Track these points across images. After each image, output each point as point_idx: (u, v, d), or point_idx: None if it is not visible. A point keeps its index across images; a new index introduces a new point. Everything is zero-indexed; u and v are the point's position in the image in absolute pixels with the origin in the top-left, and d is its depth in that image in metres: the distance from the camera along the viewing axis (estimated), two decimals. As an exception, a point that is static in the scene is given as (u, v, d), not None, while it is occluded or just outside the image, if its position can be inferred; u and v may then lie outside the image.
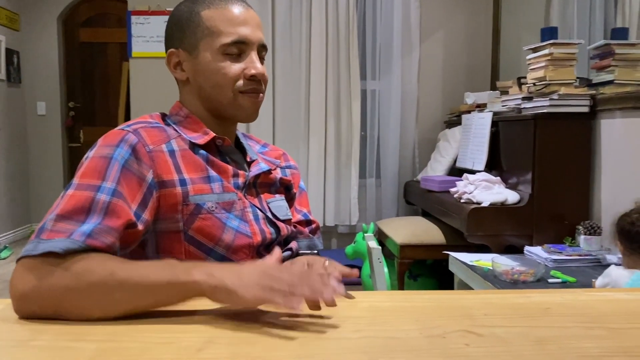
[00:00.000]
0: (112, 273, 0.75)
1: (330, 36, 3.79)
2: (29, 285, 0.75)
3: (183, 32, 1.02)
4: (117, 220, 0.84)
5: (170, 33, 1.04)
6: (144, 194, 0.90)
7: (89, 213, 0.82)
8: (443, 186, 2.97)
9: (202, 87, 1.02)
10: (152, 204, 0.91)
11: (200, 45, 1.00)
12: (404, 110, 3.92)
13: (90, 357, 0.64)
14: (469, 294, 0.93)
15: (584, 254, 2.19)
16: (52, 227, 0.79)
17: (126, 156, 0.90)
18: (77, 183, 0.86)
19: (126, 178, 0.88)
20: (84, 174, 0.87)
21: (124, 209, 0.85)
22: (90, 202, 0.83)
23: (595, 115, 2.41)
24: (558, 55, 2.38)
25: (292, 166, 1.20)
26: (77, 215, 0.81)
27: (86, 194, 0.84)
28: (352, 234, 3.84)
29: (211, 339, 0.69)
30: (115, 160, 0.89)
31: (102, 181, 0.86)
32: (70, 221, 0.80)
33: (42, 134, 5.31)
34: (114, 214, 0.84)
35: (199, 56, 1.00)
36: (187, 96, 1.06)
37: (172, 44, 1.04)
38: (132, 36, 3.90)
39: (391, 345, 0.68)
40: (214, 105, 1.03)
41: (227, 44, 0.99)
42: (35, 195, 5.33)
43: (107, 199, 0.84)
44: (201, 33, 1.00)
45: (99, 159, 0.89)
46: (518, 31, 3.61)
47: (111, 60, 5.38)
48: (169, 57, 1.03)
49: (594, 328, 0.75)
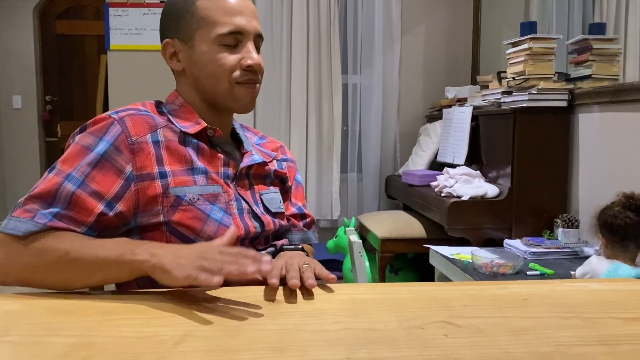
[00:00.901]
0: (67, 253, 0.82)
1: (311, 30, 3.78)
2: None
3: (178, 22, 1.01)
4: (77, 212, 0.87)
5: (165, 23, 1.03)
6: (121, 186, 0.91)
7: (54, 199, 0.87)
8: (424, 180, 2.98)
9: (198, 78, 1.01)
10: (129, 195, 0.91)
11: (196, 36, 0.99)
12: (385, 104, 3.92)
13: (64, 352, 0.62)
14: (448, 286, 0.93)
15: (562, 247, 2.22)
16: (24, 206, 0.86)
17: (106, 147, 0.91)
18: (56, 168, 0.90)
19: (103, 168, 0.90)
20: (63, 158, 0.91)
21: (86, 202, 0.88)
22: (57, 188, 0.87)
23: (574, 110, 2.44)
24: (537, 49, 2.40)
25: (288, 159, 1.19)
26: (44, 198, 0.87)
27: (57, 179, 0.88)
28: (334, 229, 3.84)
29: (188, 333, 0.68)
30: (94, 151, 0.91)
31: (72, 169, 0.89)
32: (38, 201, 0.86)
33: (18, 129, 5.20)
34: (75, 205, 0.87)
35: (195, 47, 1.00)
36: (183, 86, 1.05)
37: (167, 34, 1.03)
38: (110, 29, 3.84)
39: (370, 337, 0.68)
40: (210, 95, 1.03)
41: (223, 34, 0.98)
42: (11, 191, 5.24)
43: (71, 189, 0.88)
44: (197, 23, 0.99)
45: (80, 147, 0.92)
46: (498, 26, 3.63)
47: (89, 53, 5.29)
48: (164, 48, 1.03)
49: (570, 318, 0.76)
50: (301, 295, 0.83)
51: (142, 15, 3.82)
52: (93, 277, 0.83)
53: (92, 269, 0.82)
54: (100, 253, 0.82)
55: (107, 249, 0.82)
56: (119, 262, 0.81)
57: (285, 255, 0.97)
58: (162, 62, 1.06)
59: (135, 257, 0.80)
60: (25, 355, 0.62)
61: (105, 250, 0.82)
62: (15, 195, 5.21)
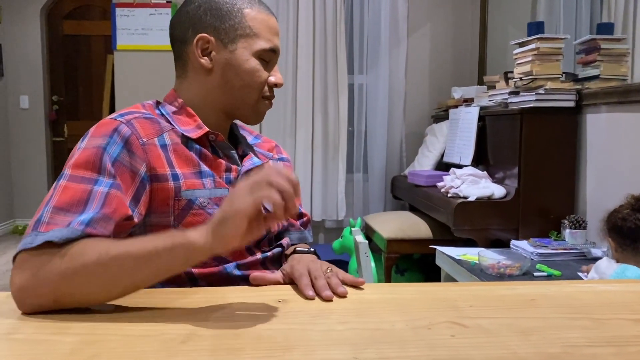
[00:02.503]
0: (107, 250, 0.75)
1: (317, 30, 3.78)
2: (25, 277, 0.74)
3: (222, 23, 0.99)
4: (114, 210, 0.83)
5: (203, 18, 1.00)
6: (137, 188, 0.89)
7: (87, 204, 0.81)
8: (430, 181, 2.97)
9: (230, 82, 1.01)
10: (144, 197, 0.90)
11: (239, 42, 0.99)
12: (391, 104, 3.92)
13: (71, 349, 0.62)
14: (455, 286, 0.93)
15: (569, 248, 2.20)
16: (50, 220, 0.78)
17: (119, 149, 0.88)
18: (71, 174, 0.84)
19: (119, 171, 0.87)
20: (77, 164, 0.85)
21: (121, 201, 0.84)
22: (87, 194, 0.82)
23: (581, 110, 2.42)
24: (544, 50, 2.39)
25: (284, 159, 1.19)
26: (74, 207, 0.80)
27: (83, 186, 0.82)
28: (340, 229, 3.84)
29: (194, 331, 0.68)
30: (108, 152, 0.87)
31: (98, 174, 0.84)
32: (68, 213, 0.79)
33: (26, 128, 5.23)
34: (111, 205, 0.83)
35: (235, 52, 0.99)
36: (195, 85, 1.03)
37: (203, 29, 1.00)
38: (117, 29, 3.85)
39: (377, 337, 0.68)
40: (233, 101, 1.02)
41: (266, 49, 1.00)
42: (18, 191, 5.27)
43: (105, 190, 0.83)
44: (242, 30, 0.99)
45: (92, 150, 0.87)
46: (505, 26, 3.62)
47: (95, 53, 5.32)
48: (197, 41, 0.99)
49: (579, 319, 0.75)
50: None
51: (148, 15, 3.84)
52: (140, 271, 0.75)
53: (139, 261, 0.74)
54: (145, 243, 0.76)
55: (153, 239, 0.76)
56: (169, 248, 0.74)
57: (304, 260, 0.96)
58: (167, 61, 1.06)
59: (188, 238, 0.74)
60: (32, 353, 0.62)
61: (150, 240, 0.76)
62: (22, 193, 5.24)
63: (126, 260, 0.74)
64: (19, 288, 0.74)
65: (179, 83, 1.06)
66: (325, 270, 0.90)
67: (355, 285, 0.89)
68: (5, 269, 3.89)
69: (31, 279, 0.74)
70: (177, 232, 0.77)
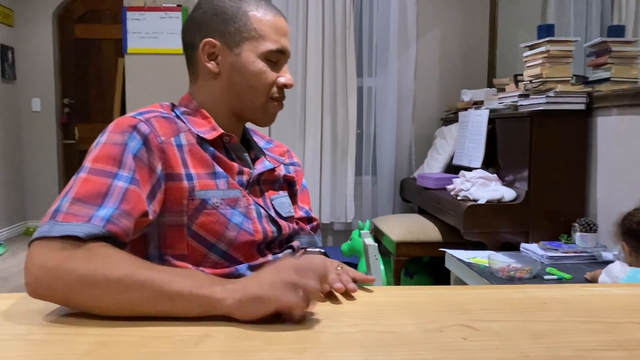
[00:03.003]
0: (133, 272, 0.74)
1: (326, 32, 3.79)
2: (44, 267, 0.74)
3: (227, 27, 1.00)
4: (133, 207, 0.84)
5: (209, 23, 1.01)
6: (153, 185, 0.90)
7: (105, 197, 0.81)
8: (439, 183, 2.97)
9: (236, 85, 1.02)
10: (160, 195, 0.91)
11: (244, 45, 1.00)
12: (400, 107, 3.91)
13: (86, 350, 0.63)
14: (466, 289, 0.93)
15: (580, 251, 2.19)
16: (68, 210, 0.78)
17: (138, 146, 0.90)
18: (91, 167, 0.85)
19: (138, 167, 0.88)
20: (97, 158, 0.86)
21: (140, 197, 0.86)
22: (107, 187, 0.83)
23: (592, 113, 2.41)
24: (554, 52, 2.38)
25: (295, 163, 1.20)
26: (93, 199, 0.81)
27: (102, 179, 0.83)
28: (348, 231, 3.83)
29: (208, 333, 0.68)
30: (128, 148, 0.88)
31: (118, 168, 0.86)
32: (86, 204, 0.80)
33: (37, 131, 5.28)
34: (130, 200, 0.84)
35: (241, 54, 1.00)
36: (205, 88, 1.04)
37: (209, 34, 1.01)
38: (128, 32, 3.88)
39: (388, 339, 0.68)
40: (241, 104, 1.03)
41: (272, 50, 1.01)
42: (30, 192, 5.31)
43: (124, 186, 0.84)
44: (247, 33, 1.00)
45: (112, 146, 0.88)
46: (514, 28, 3.61)
47: (106, 57, 5.36)
48: (204, 46, 1.01)
49: (591, 322, 0.75)
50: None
51: (159, 19, 3.86)
52: (160, 305, 0.72)
53: (161, 295, 0.72)
54: (172, 279, 0.73)
55: (180, 277, 0.74)
56: (193, 295, 0.72)
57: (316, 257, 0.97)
58: (178, 65, 1.07)
59: (215, 294, 0.72)
60: (49, 354, 0.63)
61: (177, 278, 0.74)
62: (34, 195, 5.28)
63: (149, 290, 0.72)
64: (36, 278, 0.74)
65: (192, 87, 1.07)
66: (336, 267, 0.91)
67: (366, 282, 0.89)
68: (17, 269, 3.92)
69: (50, 272, 0.73)
70: (204, 279, 0.76)
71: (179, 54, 4.03)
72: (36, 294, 0.75)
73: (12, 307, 0.78)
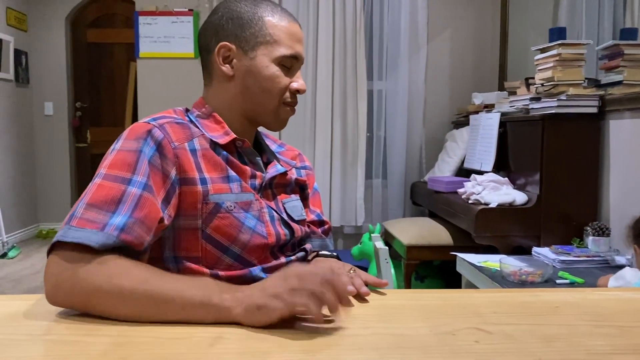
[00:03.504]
0: (145, 282, 0.76)
1: (337, 36, 3.80)
2: (63, 275, 0.77)
3: (242, 31, 1.02)
4: (147, 214, 0.85)
5: (225, 27, 1.03)
6: (168, 190, 0.91)
7: (119, 204, 0.83)
8: (450, 187, 2.96)
9: (250, 89, 1.03)
10: (174, 200, 0.93)
11: (259, 49, 1.02)
12: (411, 110, 3.91)
13: (103, 351, 0.64)
14: (478, 293, 0.93)
15: (592, 255, 2.18)
16: (83, 215, 0.81)
17: (152, 152, 0.91)
18: (106, 173, 0.87)
19: (152, 173, 0.90)
20: (112, 164, 0.88)
21: (154, 204, 0.87)
22: (121, 193, 0.84)
23: (604, 116, 2.40)
24: (566, 55, 2.37)
25: (307, 167, 1.21)
26: (107, 205, 0.83)
27: (117, 185, 0.85)
28: (358, 235, 3.83)
29: (222, 334, 0.69)
30: (143, 154, 0.90)
31: (132, 174, 0.87)
32: (100, 210, 0.82)
33: (49, 134, 5.34)
34: (144, 207, 0.85)
35: (255, 58, 1.02)
36: (220, 92, 1.06)
37: (224, 38, 1.03)
38: (140, 37, 3.91)
39: (401, 342, 0.68)
40: (254, 107, 1.04)
41: (286, 55, 1.02)
42: (42, 195, 5.36)
43: (138, 192, 0.86)
44: (263, 38, 1.02)
45: (127, 152, 0.90)
46: (526, 31, 3.60)
47: (118, 61, 5.40)
48: (219, 50, 1.03)
49: (604, 326, 0.75)
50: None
51: (170, 23, 3.89)
52: (171, 314, 0.74)
53: (172, 306, 0.74)
54: (184, 289, 0.75)
55: (191, 287, 0.76)
56: (204, 305, 0.74)
57: (327, 261, 0.98)
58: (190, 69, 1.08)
59: (223, 302, 0.74)
60: (65, 354, 0.64)
61: (188, 287, 0.76)
62: (46, 198, 5.33)
63: (160, 301, 0.75)
64: (55, 285, 0.77)
65: (206, 91, 1.09)
66: (348, 271, 0.92)
67: (379, 285, 0.90)
68: (30, 272, 3.96)
69: (67, 282, 0.76)
70: (214, 287, 0.77)
71: (190, 58, 4.07)
72: (56, 302, 0.78)
73: (29, 308, 0.80)
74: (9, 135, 4.85)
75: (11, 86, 4.88)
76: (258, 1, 1.05)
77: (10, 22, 4.86)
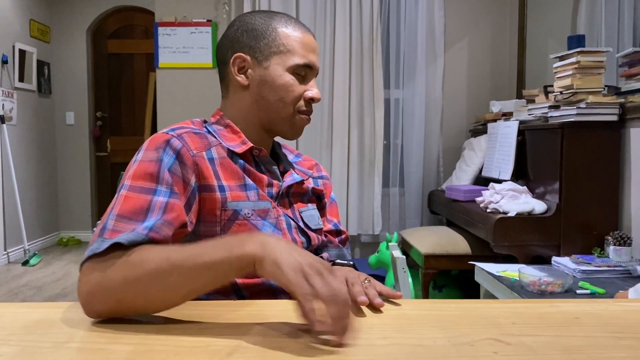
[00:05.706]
0: (167, 258, 0.77)
1: (354, 45, 3.81)
2: (92, 283, 0.78)
3: (257, 42, 1.05)
4: (175, 217, 0.88)
5: (240, 39, 1.06)
6: (189, 197, 0.94)
7: (148, 213, 0.86)
8: (468, 195, 2.94)
9: (265, 97, 1.05)
10: (195, 206, 0.95)
11: (273, 59, 1.04)
12: (428, 118, 3.90)
13: (124, 359, 0.65)
14: (497, 303, 0.92)
15: (614, 265, 2.15)
16: (114, 227, 0.83)
17: (171, 160, 0.93)
18: (131, 184, 0.89)
19: (174, 181, 0.92)
20: (136, 175, 0.90)
21: (181, 208, 0.90)
22: (148, 203, 0.87)
23: (625, 124, 2.37)
24: (585, 63, 2.35)
25: (324, 176, 1.22)
26: (136, 215, 0.85)
27: (142, 196, 0.87)
28: (376, 244, 3.82)
29: (240, 344, 0.70)
30: (163, 163, 0.92)
31: (156, 184, 0.89)
32: (131, 220, 0.84)
33: (71, 143, 5.43)
34: (172, 211, 0.88)
35: (269, 68, 1.04)
36: (236, 102, 1.08)
37: (239, 49, 1.06)
38: (159, 47, 3.97)
39: (419, 353, 0.68)
40: (269, 116, 1.06)
41: (300, 64, 1.04)
42: (63, 204, 5.45)
43: (164, 200, 0.88)
44: (276, 48, 1.04)
45: (148, 163, 0.92)
46: (544, 39, 3.58)
47: (138, 71, 5.49)
48: (234, 60, 1.06)
49: (625, 338, 0.74)
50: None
51: (189, 34, 3.94)
52: (199, 279, 0.76)
53: (197, 270, 0.76)
54: (204, 252, 0.77)
55: (212, 248, 0.77)
56: (226, 260, 0.75)
57: (343, 270, 0.99)
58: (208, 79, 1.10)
59: (244, 250, 0.74)
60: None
61: (209, 249, 0.77)
62: (67, 206, 5.41)
63: (185, 269, 0.76)
64: (87, 294, 0.78)
65: (223, 103, 1.11)
66: (363, 281, 0.92)
67: (393, 297, 0.90)
68: (52, 279, 4.02)
69: (97, 286, 0.77)
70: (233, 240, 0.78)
71: (208, 68, 4.11)
72: (93, 312, 0.78)
73: (51, 316, 0.81)
74: (32, 144, 4.94)
75: (34, 96, 4.98)
76: (273, 14, 1.08)
77: (34, 34, 4.97)
